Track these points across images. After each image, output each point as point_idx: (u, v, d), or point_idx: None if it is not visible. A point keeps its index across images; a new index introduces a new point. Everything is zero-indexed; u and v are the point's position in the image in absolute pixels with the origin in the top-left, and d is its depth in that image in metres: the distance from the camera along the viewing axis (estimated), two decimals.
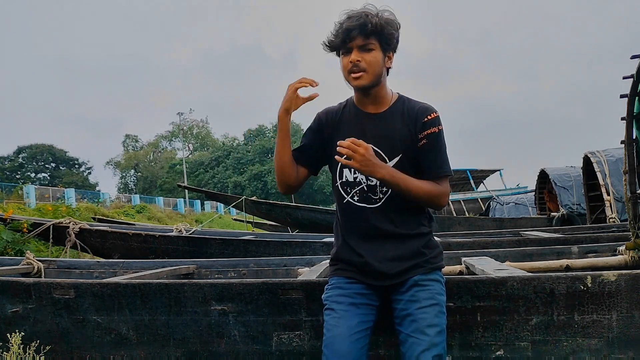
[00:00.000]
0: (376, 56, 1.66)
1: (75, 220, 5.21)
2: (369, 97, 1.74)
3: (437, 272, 1.72)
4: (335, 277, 1.74)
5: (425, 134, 1.69)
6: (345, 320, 1.61)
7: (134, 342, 2.05)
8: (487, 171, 23.29)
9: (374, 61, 1.66)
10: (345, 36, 1.63)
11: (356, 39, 1.63)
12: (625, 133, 3.04)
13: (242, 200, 9.68)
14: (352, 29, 1.62)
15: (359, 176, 1.73)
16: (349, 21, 1.63)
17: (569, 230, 5.55)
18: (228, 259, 3.41)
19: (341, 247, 1.76)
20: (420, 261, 1.69)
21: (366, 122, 1.75)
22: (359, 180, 1.73)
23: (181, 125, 61.01)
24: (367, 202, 1.72)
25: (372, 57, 1.65)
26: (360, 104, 1.77)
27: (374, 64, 1.66)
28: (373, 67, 1.66)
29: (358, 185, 1.74)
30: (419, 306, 1.60)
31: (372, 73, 1.66)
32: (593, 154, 8.35)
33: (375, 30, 1.63)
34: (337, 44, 1.67)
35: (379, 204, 1.71)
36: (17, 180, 41.96)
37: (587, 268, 2.65)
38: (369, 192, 1.72)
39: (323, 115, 1.84)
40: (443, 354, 1.56)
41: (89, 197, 28.01)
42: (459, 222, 9.28)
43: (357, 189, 1.74)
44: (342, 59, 1.69)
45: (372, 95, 1.73)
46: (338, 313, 1.64)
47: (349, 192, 1.75)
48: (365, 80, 1.66)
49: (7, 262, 3.35)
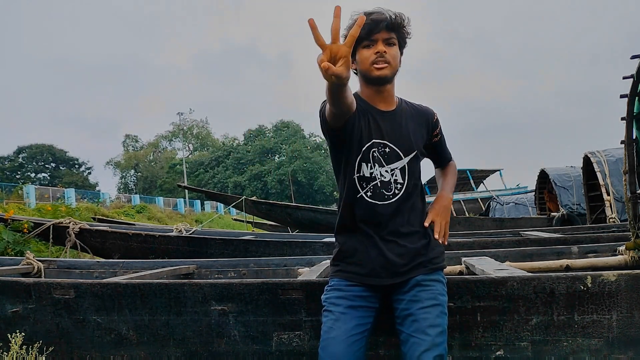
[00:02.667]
0: (397, 51, 1.71)
1: (75, 220, 5.21)
2: (382, 94, 1.74)
3: (439, 272, 1.72)
4: (335, 279, 1.73)
5: (438, 131, 1.87)
6: (342, 323, 1.61)
7: (134, 342, 2.05)
8: (487, 171, 23.28)
9: (396, 55, 1.70)
10: (372, 27, 1.65)
11: (382, 31, 1.66)
12: (625, 133, 3.03)
13: (242, 200, 9.68)
14: (380, 21, 1.65)
15: (375, 171, 1.73)
16: (374, 15, 1.66)
17: (569, 230, 5.55)
18: (228, 259, 3.41)
19: (345, 244, 1.75)
20: (423, 260, 1.69)
21: (380, 119, 1.75)
22: (374, 175, 1.73)
23: (181, 126, 61.05)
24: (379, 199, 1.72)
25: (395, 51, 1.69)
26: (371, 100, 1.76)
27: (396, 58, 1.70)
28: (395, 61, 1.70)
29: (373, 181, 1.73)
30: (420, 306, 1.60)
31: (394, 67, 1.70)
32: (593, 154, 8.34)
33: (398, 25, 1.68)
34: (363, 35, 1.64)
35: (391, 200, 1.72)
36: (17, 180, 41.96)
37: (587, 268, 2.65)
38: (382, 188, 1.72)
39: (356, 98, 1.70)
40: (444, 355, 1.56)
41: (89, 197, 28.02)
42: (459, 222, 9.26)
43: (372, 185, 1.73)
44: (362, 51, 1.69)
45: (385, 92, 1.74)
46: (335, 315, 1.64)
47: (364, 187, 1.74)
48: (388, 71, 1.68)
49: (7, 262, 3.35)
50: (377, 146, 1.74)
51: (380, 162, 1.74)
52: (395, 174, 1.73)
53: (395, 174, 1.73)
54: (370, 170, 1.73)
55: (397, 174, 1.73)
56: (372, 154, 1.74)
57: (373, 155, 1.74)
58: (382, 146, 1.73)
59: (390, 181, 1.73)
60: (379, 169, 1.73)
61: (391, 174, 1.73)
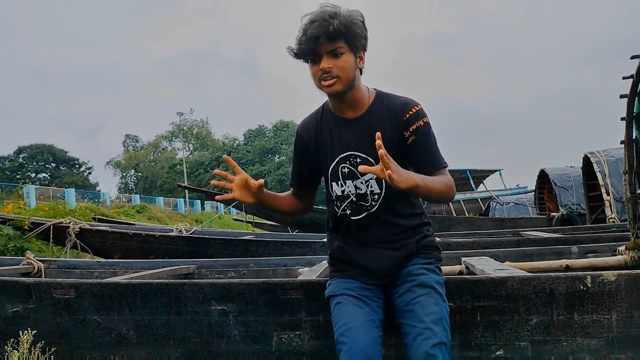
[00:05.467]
0: (347, 60, 1.57)
1: (75, 220, 5.21)
2: (345, 102, 1.66)
3: (433, 263, 1.70)
4: (336, 278, 1.74)
5: (412, 130, 1.62)
6: (357, 309, 1.56)
7: (134, 342, 2.05)
8: (487, 171, 23.26)
9: (346, 66, 1.57)
10: (311, 44, 1.53)
11: (323, 45, 1.53)
12: (625, 133, 3.03)
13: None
14: (318, 36, 1.52)
15: (347, 189, 1.70)
16: (312, 27, 1.53)
17: (568, 230, 5.55)
18: (228, 259, 3.41)
19: (337, 251, 1.76)
20: (415, 252, 1.68)
21: (346, 129, 1.69)
22: (346, 193, 1.70)
23: (181, 125, 61.03)
24: (359, 212, 1.69)
25: (343, 61, 1.56)
26: (337, 110, 1.70)
27: (346, 69, 1.57)
28: (345, 72, 1.57)
29: (347, 199, 1.70)
30: (416, 295, 1.56)
31: (345, 78, 1.57)
32: (593, 154, 8.34)
33: (341, 31, 1.53)
34: (305, 52, 1.57)
35: (373, 209, 1.68)
36: (18, 180, 41.96)
37: (587, 268, 2.65)
38: (360, 201, 1.69)
39: (303, 131, 1.78)
40: (447, 343, 1.47)
41: (89, 197, 28.01)
42: (458, 222, 9.27)
43: (347, 202, 1.71)
44: (311, 66, 1.60)
45: (348, 100, 1.65)
46: (348, 301, 1.58)
47: (340, 205, 1.72)
48: (338, 86, 1.58)
49: (7, 262, 3.35)
50: (347, 160, 1.69)
51: (354, 175, 1.68)
52: (370, 184, 1.67)
53: (371, 185, 1.67)
54: (342, 188, 1.70)
55: (372, 184, 1.67)
56: (342, 170, 1.70)
57: (343, 172, 1.69)
58: (352, 158, 1.68)
59: (367, 193, 1.68)
60: (353, 183, 1.68)
61: (366, 185, 1.68)
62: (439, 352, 1.44)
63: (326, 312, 1.76)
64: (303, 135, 1.77)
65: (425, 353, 1.43)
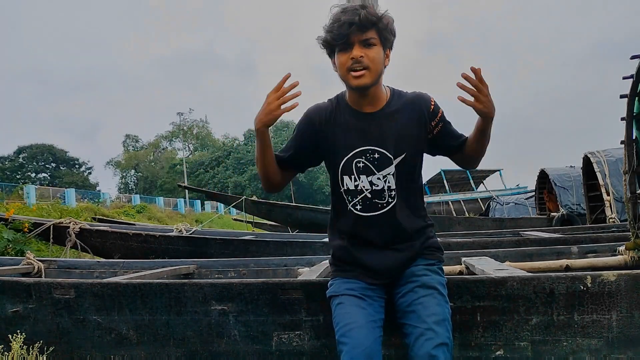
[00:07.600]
0: (378, 52, 1.55)
1: (75, 220, 5.22)
2: (366, 97, 1.63)
3: (436, 264, 1.70)
4: (338, 278, 1.73)
5: (438, 119, 1.68)
6: (359, 309, 1.55)
7: (134, 342, 2.05)
8: (487, 171, 23.26)
9: (377, 57, 1.54)
10: (344, 29, 1.50)
11: (356, 33, 1.50)
12: (625, 133, 3.03)
13: (242, 200, 9.68)
14: (352, 22, 1.49)
15: (360, 183, 1.65)
16: (344, 14, 1.51)
17: (568, 230, 5.55)
18: (228, 259, 3.41)
19: (340, 250, 1.74)
20: (419, 253, 1.68)
21: (365, 123, 1.65)
22: (360, 188, 1.64)
23: (181, 125, 61.03)
24: (372, 210, 1.65)
25: (375, 52, 1.54)
26: (356, 104, 1.66)
27: (376, 61, 1.54)
28: (376, 64, 1.54)
29: (360, 194, 1.65)
30: (418, 296, 1.56)
31: (374, 71, 1.54)
32: (593, 154, 8.35)
33: (373, 22, 1.51)
34: (336, 37, 1.52)
35: (386, 208, 1.65)
36: (18, 180, 41.96)
37: (587, 268, 2.65)
38: (375, 199, 1.64)
39: (314, 114, 1.70)
40: (449, 344, 1.47)
41: (89, 197, 28.01)
42: (459, 222, 9.27)
43: (359, 198, 1.65)
44: (338, 56, 1.56)
45: (370, 95, 1.62)
46: (350, 302, 1.57)
47: (351, 200, 1.67)
48: (367, 78, 1.54)
49: (7, 262, 3.35)
50: (364, 154, 1.64)
51: (370, 171, 1.64)
52: (388, 180, 1.64)
53: (388, 180, 1.64)
54: (355, 182, 1.65)
55: (389, 180, 1.64)
56: (356, 164, 1.65)
57: (357, 166, 1.65)
58: (370, 152, 1.64)
59: (384, 189, 1.64)
60: (369, 178, 1.64)
61: (384, 181, 1.64)
62: (441, 353, 1.44)
63: (326, 312, 1.76)
64: (313, 119, 1.70)
65: (428, 354, 1.43)
